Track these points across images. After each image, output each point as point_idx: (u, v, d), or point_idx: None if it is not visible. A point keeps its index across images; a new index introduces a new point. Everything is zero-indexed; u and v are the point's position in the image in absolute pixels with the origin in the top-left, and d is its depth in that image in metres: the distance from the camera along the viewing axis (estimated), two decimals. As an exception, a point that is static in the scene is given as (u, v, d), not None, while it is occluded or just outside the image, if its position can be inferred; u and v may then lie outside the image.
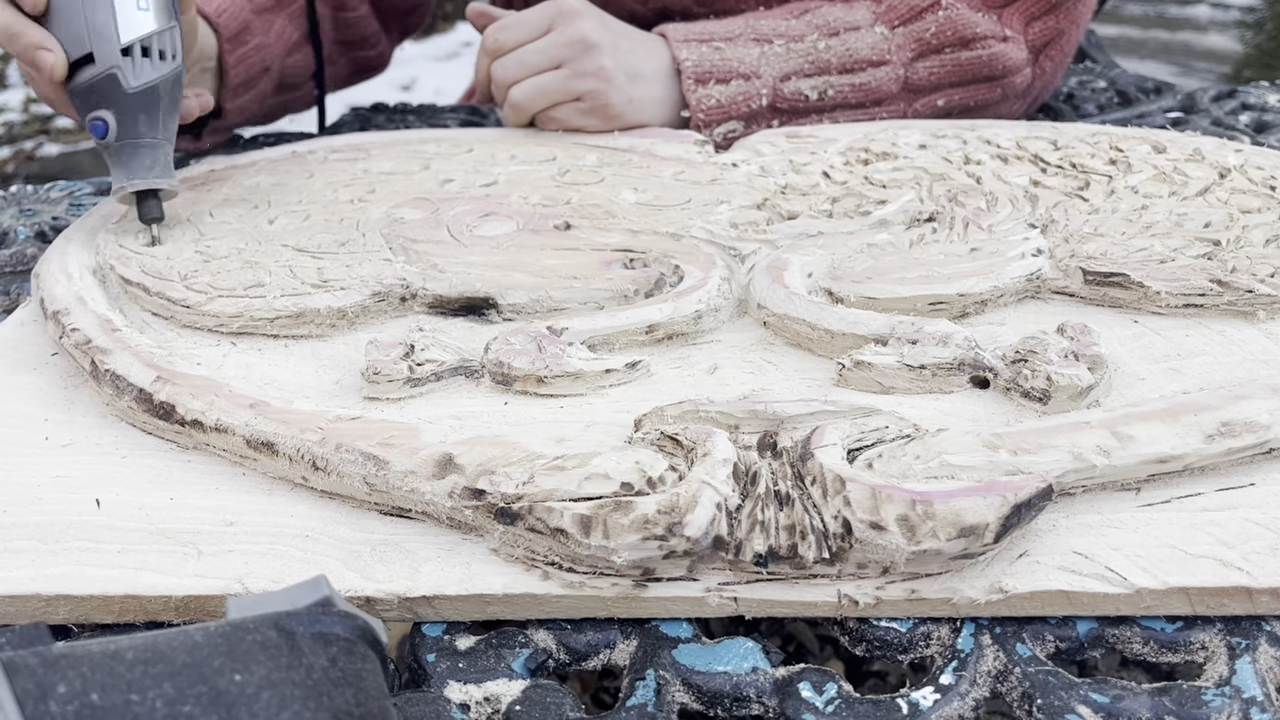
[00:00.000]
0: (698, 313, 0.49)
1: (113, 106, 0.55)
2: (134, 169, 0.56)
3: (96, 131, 0.55)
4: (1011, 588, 0.35)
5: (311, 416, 0.42)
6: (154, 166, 0.57)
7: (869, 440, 0.39)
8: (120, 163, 0.57)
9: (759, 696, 0.34)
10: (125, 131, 0.56)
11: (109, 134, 0.55)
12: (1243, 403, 0.40)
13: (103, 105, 0.55)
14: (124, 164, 0.56)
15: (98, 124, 0.55)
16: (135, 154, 0.56)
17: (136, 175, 0.56)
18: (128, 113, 0.55)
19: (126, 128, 0.56)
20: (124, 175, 0.57)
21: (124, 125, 0.55)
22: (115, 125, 0.55)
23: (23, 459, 0.43)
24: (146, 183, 0.57)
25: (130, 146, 0.56)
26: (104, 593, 0.36)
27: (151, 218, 0.58)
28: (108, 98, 0.55)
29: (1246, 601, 0.35)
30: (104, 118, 0.55)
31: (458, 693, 0.34)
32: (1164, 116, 0.82)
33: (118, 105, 0.55)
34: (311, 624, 0.28)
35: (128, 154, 0.56)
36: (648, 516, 0.35)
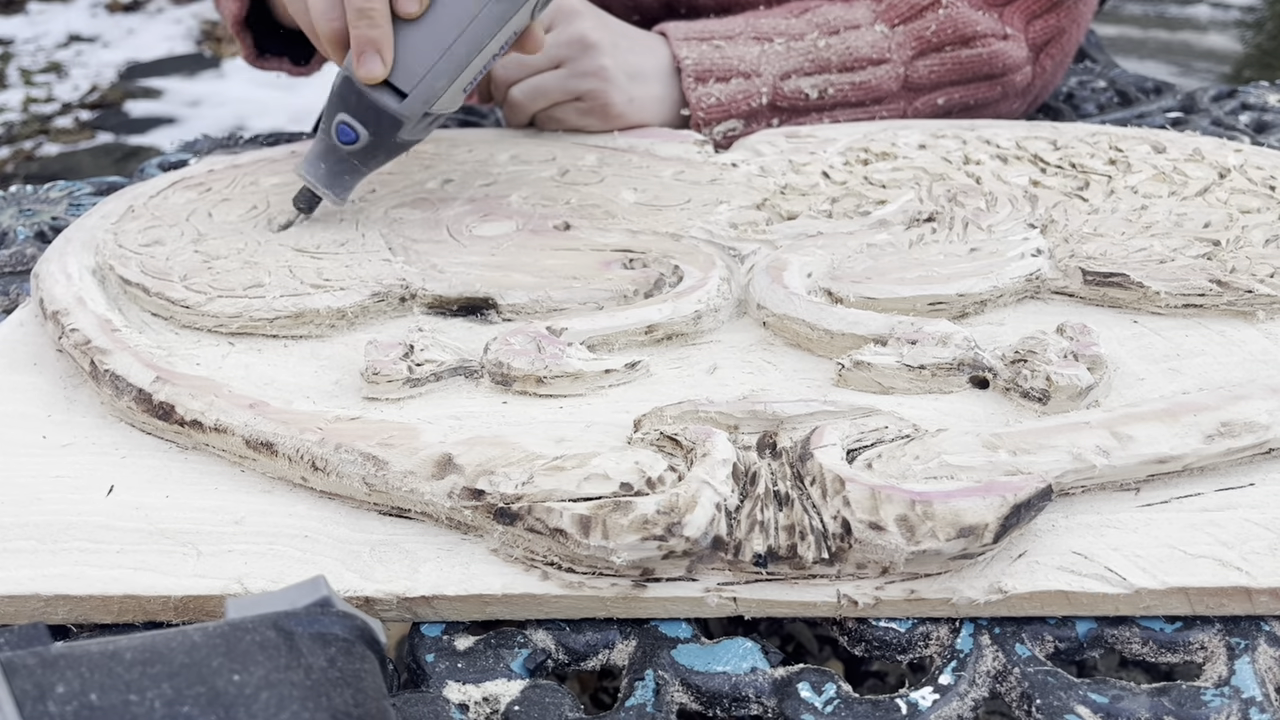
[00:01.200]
0: (697, 313, 0.49)
1: (375, 134, 0.56)
2: (337, 183, 0.58)
3: (344, 135, 0.56)
4: (1011, 588, 0.35)
5: (311, 417, 0.42)
6: (345, 189, 0.59)
7: (868, 440, 0.39)
8: (333, 169, 0.58)
9: (758, 697, 0.34)
10: (361, 159, 0.57)
11: (353, 145, 0.57)
12: (1242, 403, 0.40)
13: (369, 125, 0.56)
14: (336, 172, 0.58)
15: (351, 132, 0.56)
16: (348, 173, 0.58)
17: (333, 188, 0.58)
18: (378, 150, 0.57)
19: (365, 158, 0.57)
20: (328, 178, 0.58)
21: (366, 155, 0.57)
22: (362, 148, 0.57)
23: (22, 459, 0.43)
24: (331, 195, 0.58)
25: (350, 167, 0.58)
26: (103, 593, 0.36)
27: (301, 208, 0.60)
28: (378, 126, 0.56)
29: (1246, 601, 0.35)
30: (359, 133, 0.56)
31: (456, 693, 0.34)
32: (1164, 116, 0.82)
33: (378, 138, 0.56)
34: (310, 624, 0.28)
35: (345, 168, 0.58)
36: (647, 517, 0.35)
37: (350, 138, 0.56)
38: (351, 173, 0.58)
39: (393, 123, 0.56)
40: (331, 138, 0.57)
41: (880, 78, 0.75)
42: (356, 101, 0.55)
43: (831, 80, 0.75)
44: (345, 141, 0.56)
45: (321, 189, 0.58)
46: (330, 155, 0.58)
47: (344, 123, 0.56)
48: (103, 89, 3.13)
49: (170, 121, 2.88)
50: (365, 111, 0.56)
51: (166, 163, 0.80)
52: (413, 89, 0.55)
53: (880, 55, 0.75)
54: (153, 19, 3.85)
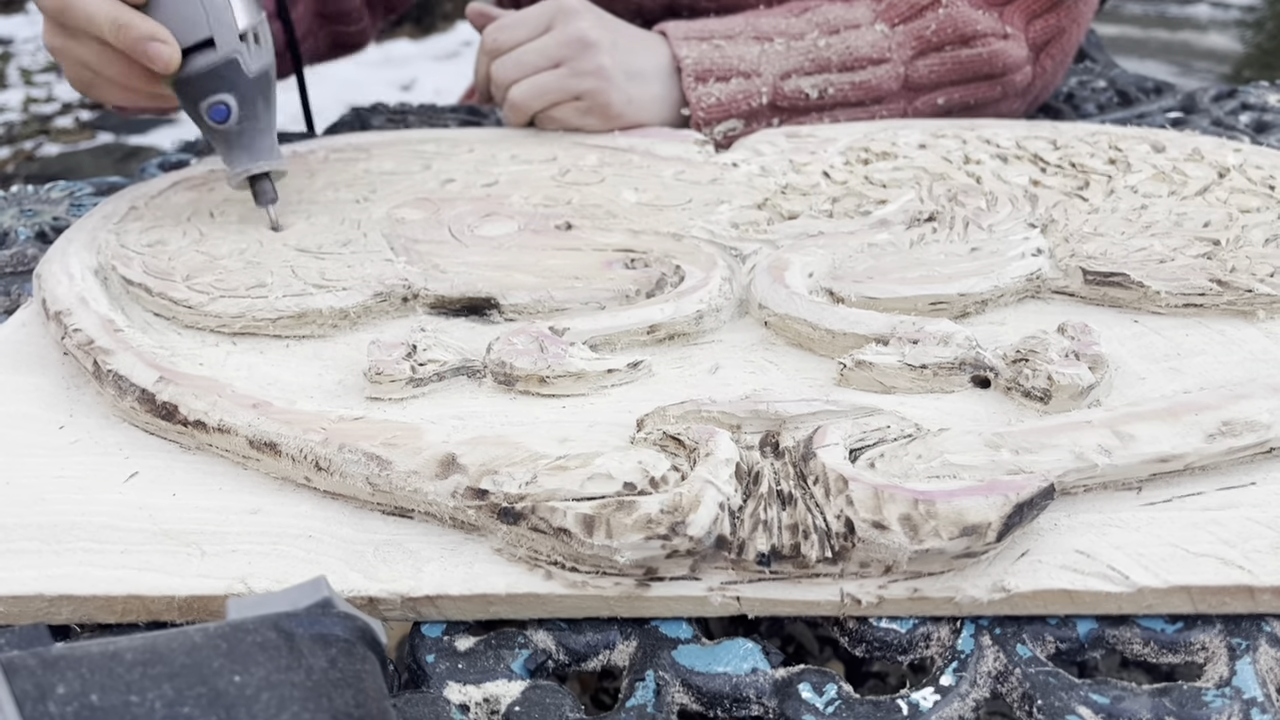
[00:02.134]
0: (699, 313, 0.49)
1: (233, 91, 0.55)
2: (255, 152, 0.57)
3: (218, 115, 0.56)
4: (1014, 587, 0.35)
5: (314, 417, 0.42)
6: (271, 149, 0.58)
7: (871, 440, 0.39)
8: (240, 145, 0.57)
9: (759, 697, 0.34)
10: (245, 115, 0.56)
11: (230, 118, 0.56)
12: (1243, 402, 0.40)
13: (223, 89, 0.55)
14: (244, 147, 0.57)
15: (220, 108, 0.55)
16: (254, 137, 0.57)
17: (258, 158, 0.57)
18: (248, 97, 0.56)
19: (247, 111, 0.56)
20: (245, 158, 0.57)
21: (245, 109, 0.56)
22: (237, 109, 0.56)
23: (25, 459, 0.43)
24: (269, 164, 0.58)
25: (250, 130, 0.57)
26: (107, 593, 0.36)
27: (268, 200, 0.59)
28: (229, 82, 0.55)
29: (1248, 600, 0.35)
30: (226, 101, 0.55)
31: (457, 693, 0.34)
32: (1164, 116, 0.82)
33: (239, 90, 0.55)
34: (311, 625, 0.28)
35: (247, 137, 0.57)
36: (651, 516, 0.35)
37: (223, 113, 0.56)
38: (260, 133, 0.58)
39: (232, 68, 0.55)
40: (217, 128, 0.56)
41: (880, 77, 0.75)
42: (195, 88, 0.55)
43: (831, 80, 0.75)
44: (222, 120, 0.56)
45: (265, 164, 0.57)
46: (237, 140, 0.57)
47: (213, 106, 0.55)
48: (103, 89, 3.13)
49: (170, 121, 2.88)
50: (207, 83, 0.55)
51: (167, 162, 0.80)
52: (212, 31, 0.54)
53: (880, 55, 0.75)
54: (153, 19, 3.84)
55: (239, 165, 0.58)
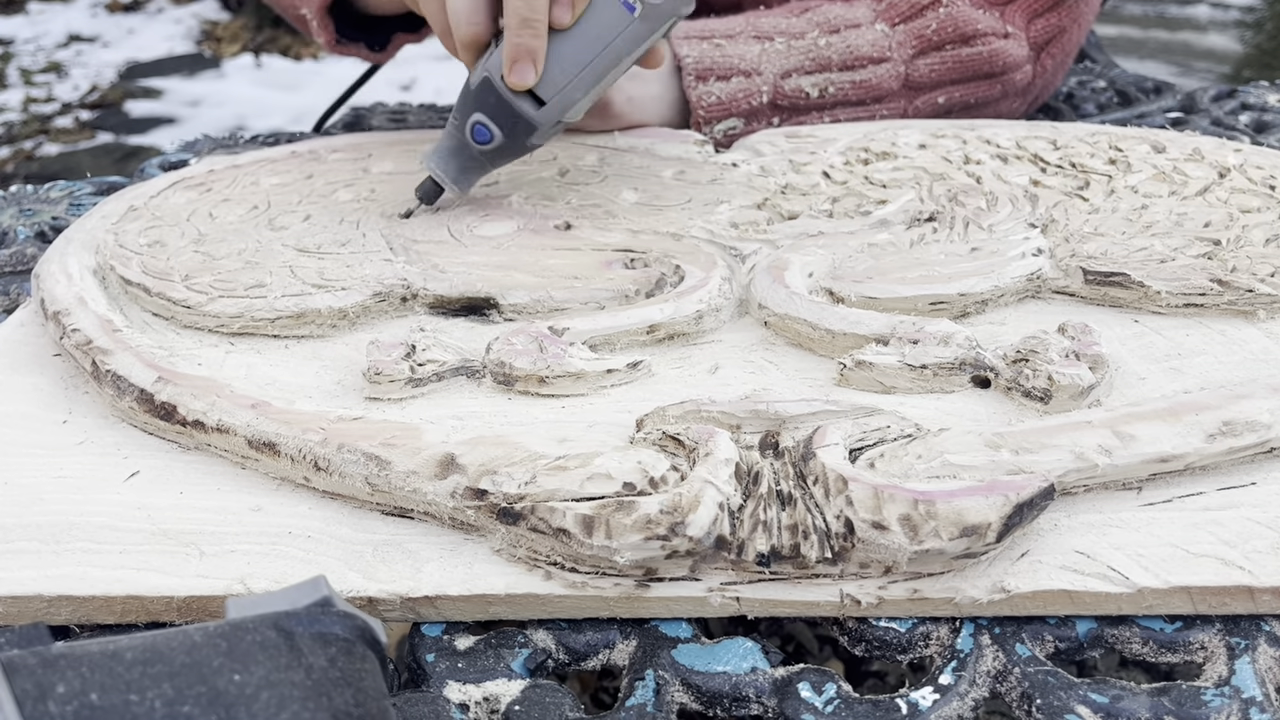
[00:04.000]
0: (699, 313, 0.49)
1: (509, 137, 0.58)
2: (460, 173, 0.60)
3: (480, 135, 0.58)
4: (1014, 587, 0.35)
5: (313, 417, 0.42)
6: (469, 183, 0.60)
7: (871, 440, 0.39)
8: (461, 158, 0.59)
9: (758, 696, 0.34)
10: (491, 154, 0.59)
11: (487, 144, 0.58)
12: (1244, 402, 0.40)
13: (504, 128, 0.57)
14: (461, 168, 0.59)
15: (486, 132, 0.58)
16: (473, 167, 0.60)
17: (457, 180, 0.60)
18: (506, 148, 0.58)
19: (494, 155, 0.59)
20: (453, 170, 0.59)
21: (495, 151, 0.59)
22: (494, 148, 0.58)
23: (24, 459, 0.43)
24: (456, 189, 0.60)
25: (477, 165, 0.59)
26: (106, 593, 0.36)
27: (424, 201, 0.61)
28: (513, 130, 0.57)
29: (1248, 601, 0.35)
30: (494, 134, 0.57)
31: (457, 693, 0.34)
32: (1164, 116, 0.82)
33: (511, 140, 0.58)
34: (310, 624, 0.28)
35: (470, 164, 0.59)
36: (650, 516, 0.35)
37: (485, 138, 0.57)
38: (478, 169, 0.60)
39: (528, 128, 0.57)
40: (465, 136, 0.58)
41: (881, 76, 0.75)
42: (495, 104, 0.57)
43: (832, 79, 0.75)
44: (480, 141, 0.58)
45: (449, 183, 0.59)
46: (462, 153, 0.59)
47: (480, 123, 0.57)
48: (103, 89, 3.13)
49: (170, 121, 2.88)
50: (502, 115, 0.57)
51: (167, 163, 0.80)
52: (552, 98, 0.56)
53: (881, 54, 0.75)
54: (153, 19, 3.85)
55: (443, 168, 0.59)
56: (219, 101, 3.01)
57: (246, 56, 3.37)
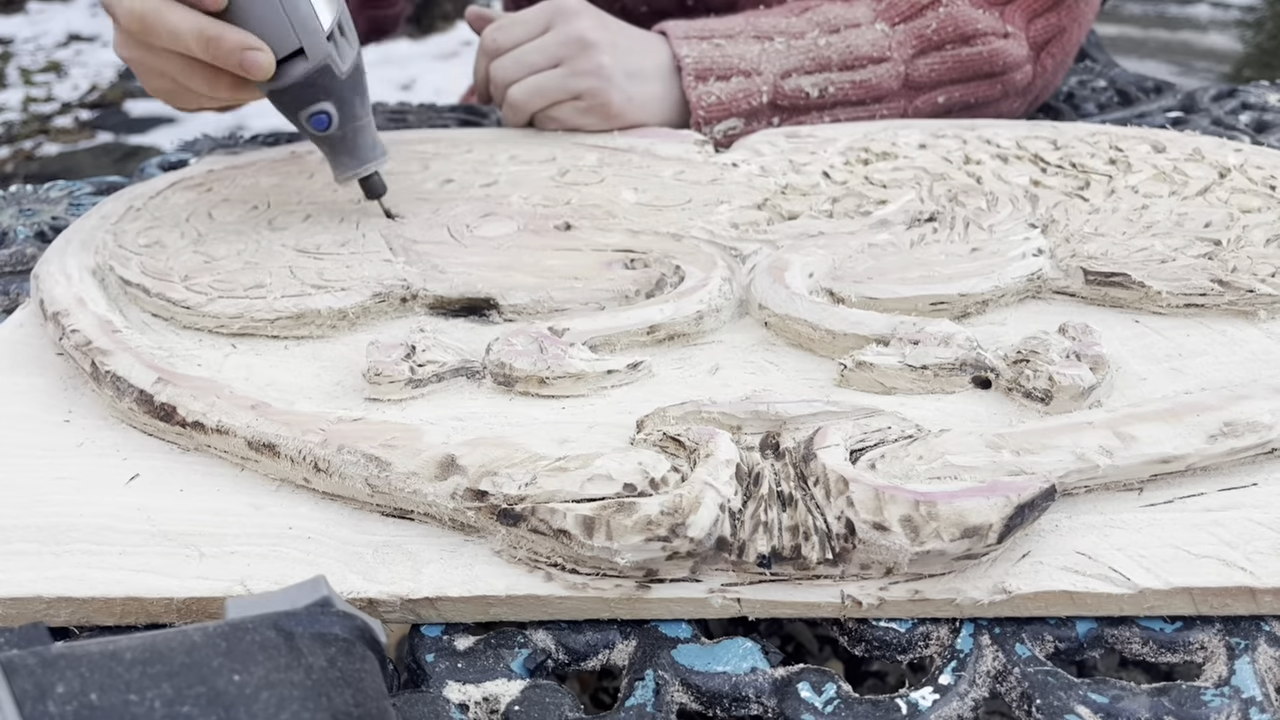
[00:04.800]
0: (699, 313, 0.49)
1: (331, 97, 0.54)
2: (359, 153, 0.57)
3: (319, 125, 0.55)
4: (1015, 588, 0.35)
5: (313, 418, 0.42)
6: (374, 146, 0.57)
7: (872, 441, 0.39)
8: (344, 149, 0.57)
9: (758, 696, 0.34)
10: (345, 118, 0.55)
11: (332, 125, 0.55)
12: (1245, 403, 0.40)
13: (320, 97, 0.54)
14: (348, 150, 0.56)
15: (322, 118, 0.54)
16: (357, 138, 0.56)
17: (364, 159, 0.57)
18: (346, 99, 0.55)
19: (346, 115, 0.55)
20: (352, 162, 0.57)
21: (344, 113, 0.55)
22: (337, 115, 0.55)
23: (23, 461, 0.43)
24: (376, 164, 0.57)
25: (351, 132, 0.56)
26: (105, 595, 0.36)
27: (378, 194, 0.58)
28: (324, 89, 0.54)
29: (1250, 601, 0.35)
30: (327, 110, 0.54)
31: (456, 693, 0.34)
32: (1164, 116, 0.82)
33: (335, 94, 0.54)
34: (310, 624, 0.28)
35: (350, 140, 0.56)
36: (651, 518, 0.35)
37: (324, 121, 0.55)
38: (360, 132, 0.57)
39: (325, 72, 0.54)
40: (320, 136, 0.56)
41: (881, 76, 0.75)
42: (292, 98, 0.55)
43: (832, 79, 0.75)
44: (325, 128, 0.55)
45: (364, 168, 0.57)
46: (340, 144, 0.57)
47: (314, 116, 0.55)
48: (102, 88, 3.13)
49: (170, 121, 2.88)
50: (303, 93, 0.54)
51: (166, 162, 0.80)
52: (300, 38, 0.53)
53: (881, 54, 0.75)
54: (152, 19, 3.84)
55: (346, 170, 0.57)
56: (219, 101, 3.00)
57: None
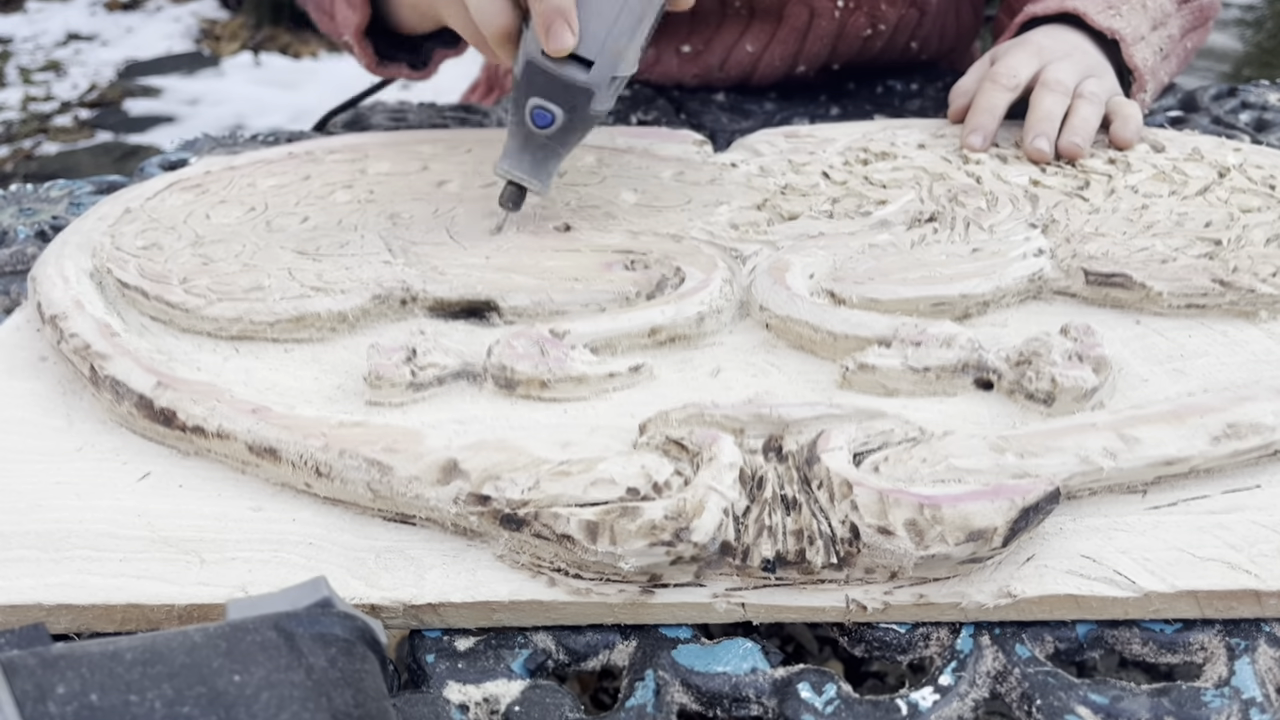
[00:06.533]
0: (700, 315, 0.49)
1: (569, 111, 0.55)
2: (537, 167, 0.57)
3: (540, 120, 0.55)
4: (1019, 592, 0.35)
5: (314, 422, 0.42)
6: (549, 174, 0.58)
7: (875, 444, 0.38)
8: (531, 151, 0.57)
9: (758, 697, 0.34)
10: (557, 137, 0.56)
11: (549, 128, 0.55)
12: (1248, 404, 0.40)
13: (562, 103, 0.55)
14: (533, 156, 0.57)
15: (547, 115, 0.55)
16: (547, 156, 0.57)
17: (534, 174, 0.57)
18: (572, 126, 0.56)
19: (561, 137, 0.56)
20: (527, 165, 0.57)
21: (562, 134, 0.56)
22: (559, 128, 0.55)
23: (21, 466, 0.43)
24: (538, 185, 0.57)
25: (549, 149, 0.57)
26: (106, 602, 0.36)
27: (511, 208, 0.58)
28: (571, 102, 0.55)
29: (1255, 604, 0.35)
30: (555, 114, 0.55)
31: (457, 693, 0.34)
32: (1164, 115, 0.82)
33: (573, 114, 0.55)
34: (311, 625, 0.28)
35: (542, 153, 0.57)
36: (654, 522, 0.35)
37: (547, 120, 0.55)
38: (552, 157, 0.57)
39: (585, 94, 0.55)
40: (528, 125, 0.56)
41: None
42: (545, 83, 0.55)
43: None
44: (542, 126, 0.55)
45: (529, 180, 0.57)
46: (530, 144, 0.57)
47: (538, 107, 0.55)
48: (102, 88, 3.13)
49: (169, 120, 2.88)
50: (556, 90, 0.55)
51: (166, 161, 0.79)
52: (598, 55, 0.54)
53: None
54: (151, 17, 3.84)
55: (516, 169, 0.57)
56: (218, 100, 3.00)
57: (245, 55, 3.37)
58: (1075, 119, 0.67)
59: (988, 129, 0.68)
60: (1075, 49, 0.73)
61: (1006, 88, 0.69)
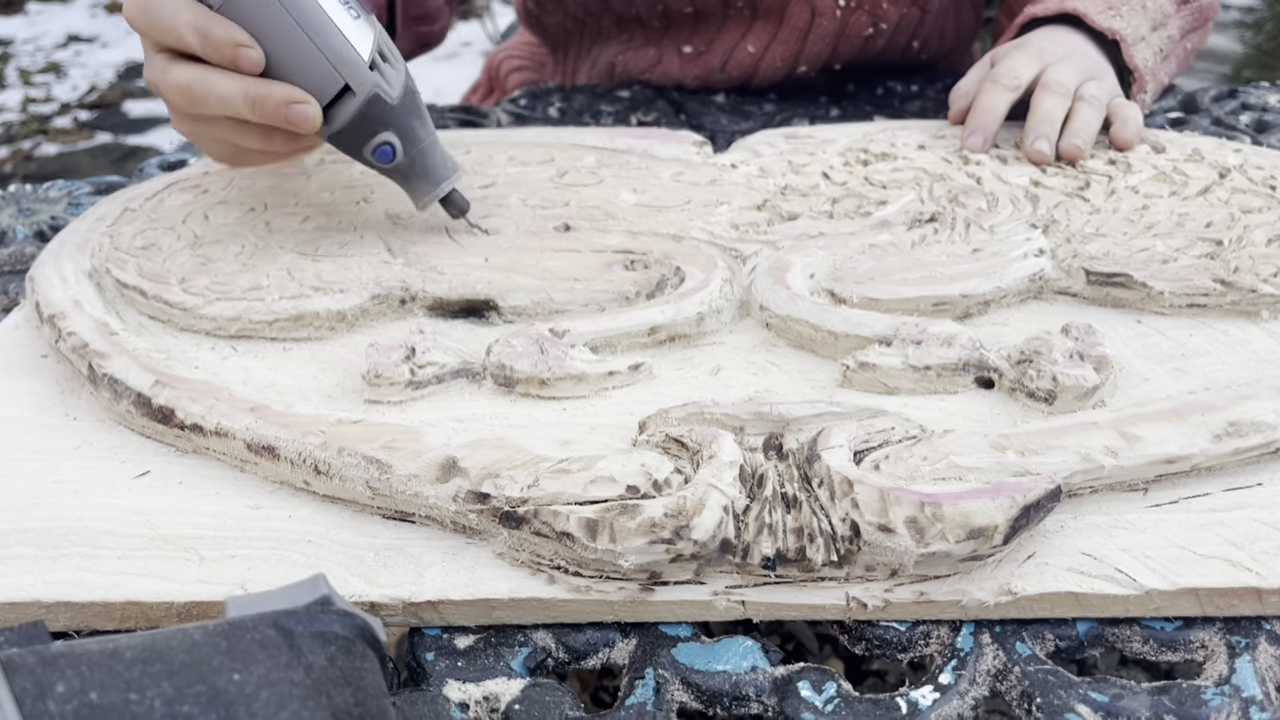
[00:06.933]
0: (700, 314, 0.49)
1: (389, 126, 0.52)
2: (431, 175, 0.55)
3: (385, 157, 0.53)
4: (1020, 589, 0.35)
5: (313, 420, 0.42)
6: (445, 164, 0.55)
7: (875, 442, 0.38)
8: (416, 175, 0.55)
9: (758, 695, 0.34)
10: (409, 145, 0.54)
11: (397, 154, 0.53)
12: (1249, 402, 0.40)
13: (378, 129, 0.52)
14: (420, 175, 0.55)
15: (385, 149, 0.53)
16: (425, 161, 0.54)
17: (437, 180, 0.55)
18: (404, 125, 0.53)
19: (409, 140, 0.53)
20: (427, 186, 0.55)
21: (406, 139, 0.53)
22: (400, 143, 0.53)
23: (20, 464, 0.43)
24: (451, 181, 0.55)
25: (418, 155, 0.54)
26: (105, 599, 0.36)
27: (463, 211, 0.56)
28: (380, 120, 0.52)
29: (1256, 602, 0.35)
30: (389, 140, 0.53)
31: (457, 691, 0.34)
32: (1164, 116, 0.82)
33: (393, 123, 0.53)
34: (310, 623, 0.28)
35: (419, 164, 0.54)
36: (654, 520, 0.35)
37: (390, 152, 0.53)
38: (427, 155, 0.55)
39: (378, 104, 0.52)
40: (388, 169, 0.55)
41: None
42: (351, 138, 0.53)
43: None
44: (388, 160, 0.54)
45: (447, 185, 0.55)
46: (410, 170, 0.55)
47: (378, 149, 0.53)
48: (101, 89, 3.13)
49: (169, 121, 2.88)
50: (361, 129, 0.53)
51: (166, 163, 0.79)
52: (344, 76, 0.51)
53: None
54: (150, 20, 3.83)
55: (424, 196, 0.55)
56: (217, 102, 3.00)
57: (244, 57, 3.37)
58: (1076, 121, 0.67)
59: (988, 130, 0.68)
60: (1076, 50, 0.73)
61: (1007, 89, 0.69)
